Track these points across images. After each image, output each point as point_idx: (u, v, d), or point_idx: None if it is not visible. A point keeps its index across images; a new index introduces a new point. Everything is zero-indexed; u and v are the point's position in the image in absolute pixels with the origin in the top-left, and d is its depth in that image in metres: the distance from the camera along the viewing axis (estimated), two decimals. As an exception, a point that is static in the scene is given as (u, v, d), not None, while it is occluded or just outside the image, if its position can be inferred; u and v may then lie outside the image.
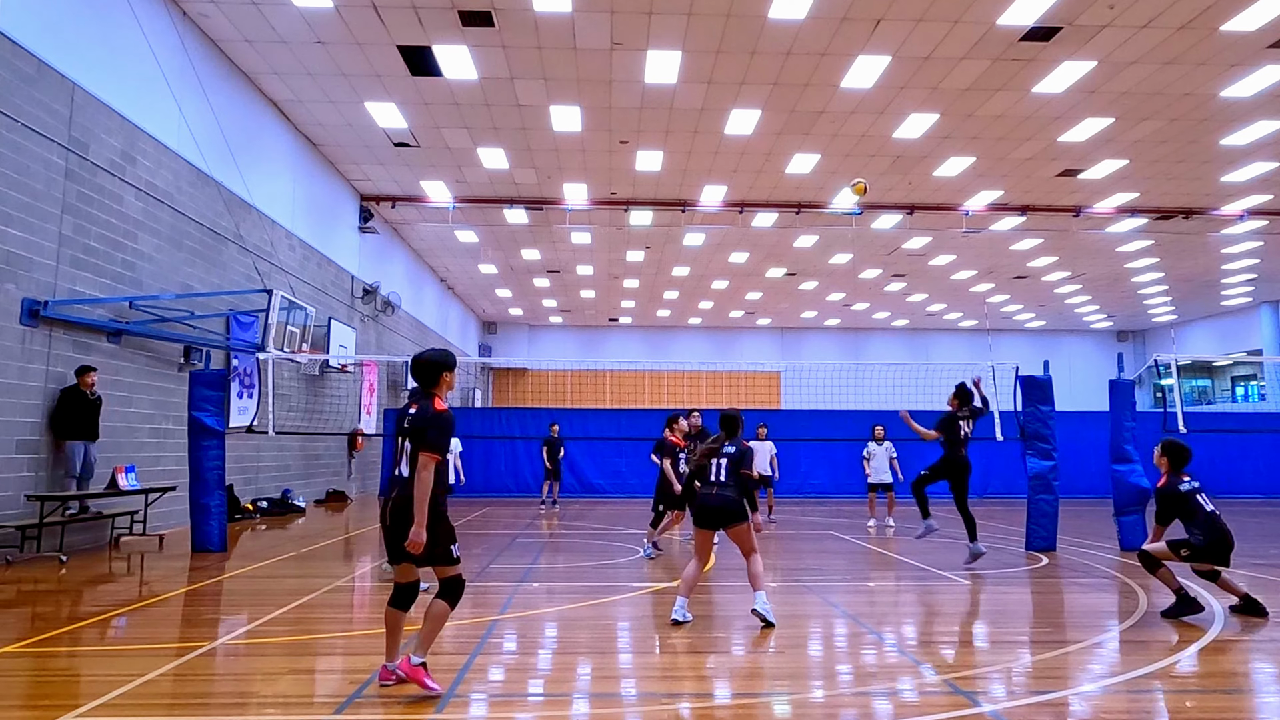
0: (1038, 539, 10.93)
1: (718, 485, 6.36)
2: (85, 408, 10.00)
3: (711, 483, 6.40)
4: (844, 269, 28.12)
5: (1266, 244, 24.32)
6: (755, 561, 6.39)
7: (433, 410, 4.52)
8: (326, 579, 8.28)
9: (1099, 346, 40.96)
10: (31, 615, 6.51)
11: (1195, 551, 6.74)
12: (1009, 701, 4.43)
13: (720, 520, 6.33)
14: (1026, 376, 11.53)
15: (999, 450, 19.83)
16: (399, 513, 4.42)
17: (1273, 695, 4.75)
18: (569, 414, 23.09)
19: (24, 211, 9.36)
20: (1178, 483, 6.92)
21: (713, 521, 6.37)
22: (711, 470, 6.42)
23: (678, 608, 6.26)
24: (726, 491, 6.32)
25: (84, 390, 9.99)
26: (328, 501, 18.79)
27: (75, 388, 9.95)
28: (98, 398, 10.20)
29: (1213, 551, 6.73)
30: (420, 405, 4.59)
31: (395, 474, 4.57)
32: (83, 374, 10.03)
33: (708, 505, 6.37)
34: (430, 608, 4.49)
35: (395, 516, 4.44)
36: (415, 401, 4.65)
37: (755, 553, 6.41)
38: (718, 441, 6.56)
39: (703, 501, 6.41)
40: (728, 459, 6.43)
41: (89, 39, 10.44)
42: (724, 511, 6.30)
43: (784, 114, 15.51)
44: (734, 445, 6.52)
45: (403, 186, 20.15)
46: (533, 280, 30.25)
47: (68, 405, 9.86)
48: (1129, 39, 12.59)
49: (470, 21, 12.22)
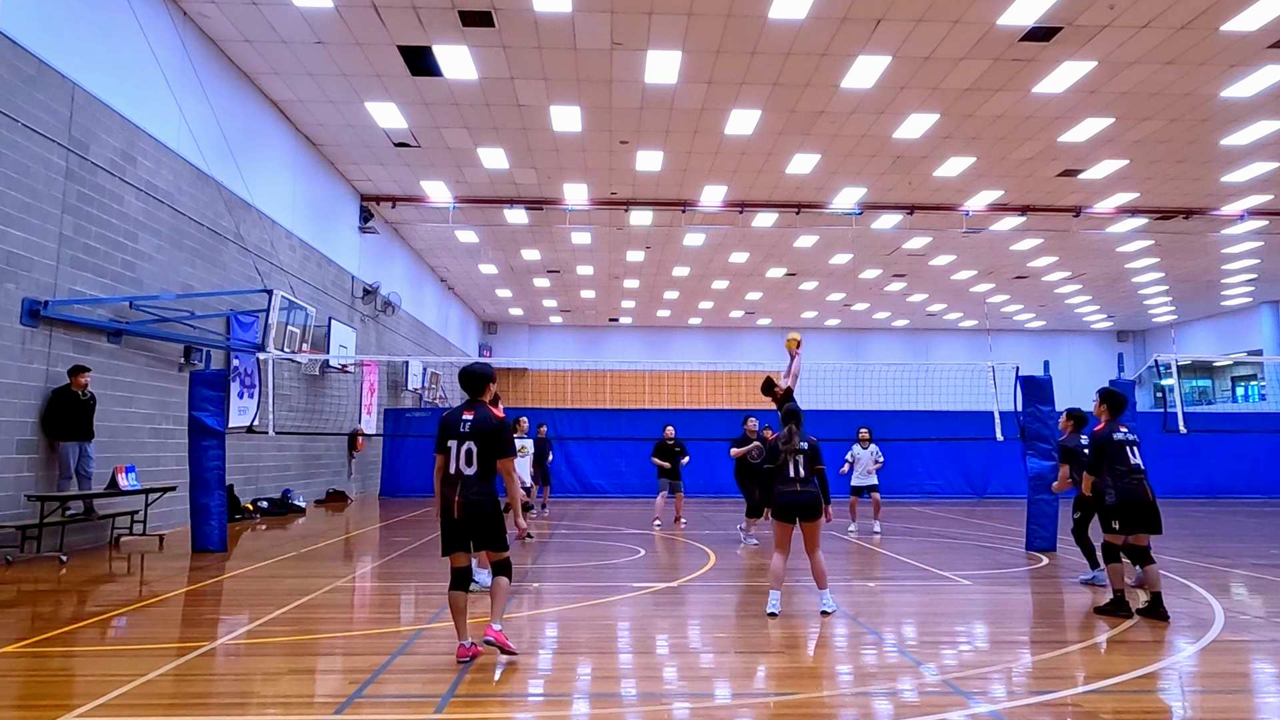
0: (1038, 539, 10.93)
1: (799, 481, 6.78)
2: (77, 408, 9.92)
3: (791, 479, 6.79)
4: (844, 269, 28.12)
5: (1266, 244, 24.31)
6: (819, 559, 6.83)
7: (495, 418, 5.24)
8: (326, 579, 8.28)
9: (1099, 346, 40.96)
10: (31, 615, 6.51)
11: (1112, 511, 6.73)
12: (1009, 701, 4.43)
13: (802, 515, 6.75)
14: (1026, 376, 11.54)
15: (999, 450, 19.87)
16: (469, 509, 5.10)
17: (1273, 695, 4.75)
18: (569, 414, 23.09)
19: (24, 211, 9.37)
20: (1114, 430, 6.98)
21: (794, 516, 6.78)
22: (790, 467, 6.81)
23: (772, 601, 6.62)
24: (808, 487, 6.77)
25: (76, 391, 9.92)
26: (328, 501, 18.78)
27: (66, 388, 9.88)
28: (90, 397, 10.11)
29: (1129, 513, 6.65)
30: (477, 412, 5.26)
31: (455, 472, 5.14)
32: (76, 374, 9.95)
33: (790, 502, 6.77)
34: (494, 586, 5.26)
35: (465, 511, 5.10)
36: (469, 408, 5.30)
37: (819, 549, 6.84)
38: (791, 438, 6.91)
39: (784, 499, 6.79)
40: (803, 455, 6.85)
41: (89, 39, 10.44)
42: (805, 507, 6.74)
43: (784, 114, 15.51)
44: (805, 441, 6.92)
45: (403, 186, 20.16)
46: (533, 280, 30.25)
47: (58, 406, 9.78)
48: (1129, 39, 12.59)
49: (470, 21, 12.23)
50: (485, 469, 5.16)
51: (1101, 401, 7.25)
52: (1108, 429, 6.98)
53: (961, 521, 15.24)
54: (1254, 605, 7.31)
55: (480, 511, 5.12)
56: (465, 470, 5.12)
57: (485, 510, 5.13)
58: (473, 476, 5.12)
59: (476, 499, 5.12)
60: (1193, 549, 11.22)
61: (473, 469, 5.13)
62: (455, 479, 5.13)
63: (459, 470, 5.13)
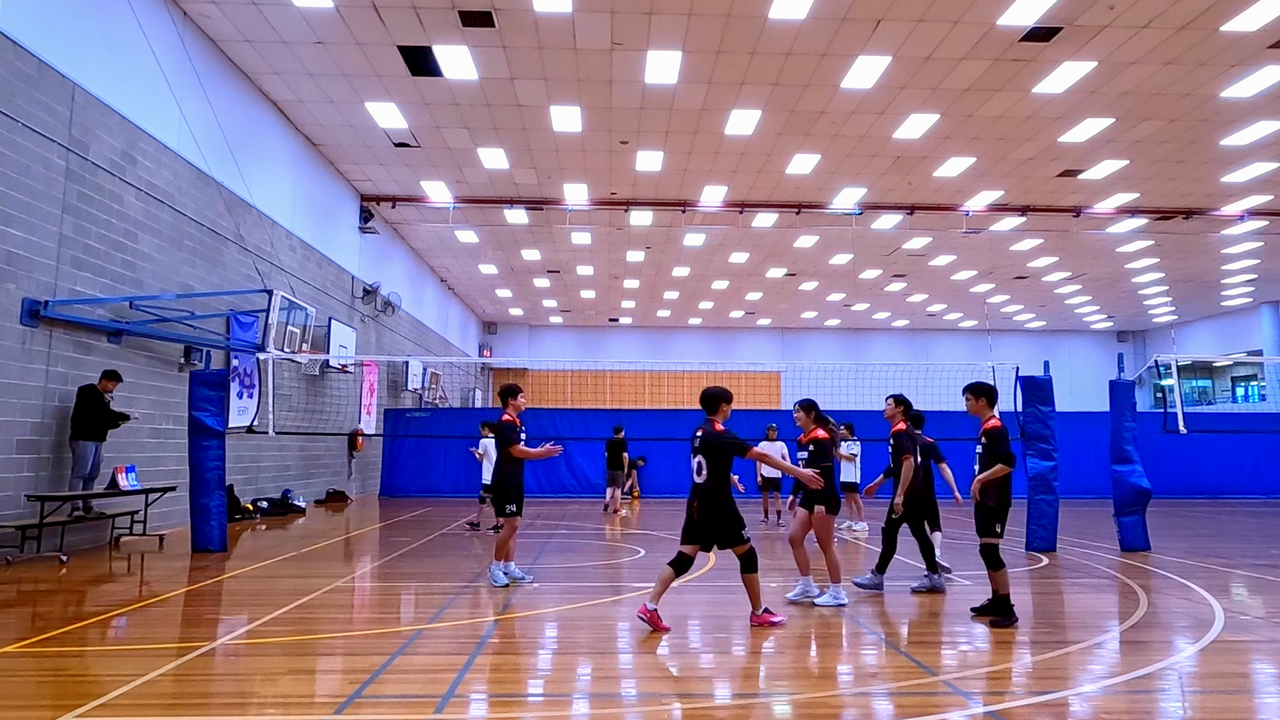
0: (1038, 539, 10.93)
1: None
2: (102, 410, 10.06)
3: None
4: (844, 269, 28.12)
5: (1266, 244, 24.31)
6: (832, 554, 7.36)
7: (714, 430, 6.23)
8: (326, 579, 8.28)
9: (1099, 347, 40.96)
10: (31, 615, 6.51)
11: (997, 513, 6.56)
12: (1009, 702, 4.43)
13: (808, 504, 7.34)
14: (1026, 377, 11.53)
15: (999, 450, 19.84)
16: (706, 508, 6.14)
17: (1273, 695, 4.75)
18: (569, 414, 23.09)
19: (24, 211, 9.36)
20: (994, 417, 6.79)
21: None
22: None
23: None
24: None
25: (102, 393, 10.10)
26: (328, 502, 18.79)
27: (92, 387, 10.01)
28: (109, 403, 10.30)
29: (1007, 514, 6.59)
30: (704, 428, 6.28)
31: (697, 483, 6.23)
32: (107, 379, 10.20)
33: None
34: (745, 581, 6.21)
35: (704, 510, 6.15)
36: (702, 426, 6.32)
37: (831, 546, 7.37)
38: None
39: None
40: (807, 454, 7.35)
41: (89, 39, 10.44)
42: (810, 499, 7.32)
43: (784, 114, 15.51)
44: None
45: (403, 186, 20.16)
46: (533, 280, 30.25)
47: (87, 404, 9.89)
48: (1129, 39, 12.59)
49: (470, 22, 12.23)
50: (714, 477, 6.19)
51: (980, 396, 6.94)
52: (999, 419, 6.76)
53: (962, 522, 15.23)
54: (1254, 605, 7.31)
55: (711, 512, 6.16)
56: (697, 479, 6.20)
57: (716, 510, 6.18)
58: (702, 484, 6.16)
59: (707, 500, 6.17)
60: (1193, 549, 11.22)
61: (704, 478, 6.16)
62: (698, 488, 6.20)
63: (697, 480, 6.21)
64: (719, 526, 6.10)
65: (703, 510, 6.12)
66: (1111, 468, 11.22)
